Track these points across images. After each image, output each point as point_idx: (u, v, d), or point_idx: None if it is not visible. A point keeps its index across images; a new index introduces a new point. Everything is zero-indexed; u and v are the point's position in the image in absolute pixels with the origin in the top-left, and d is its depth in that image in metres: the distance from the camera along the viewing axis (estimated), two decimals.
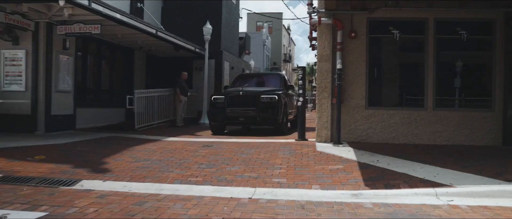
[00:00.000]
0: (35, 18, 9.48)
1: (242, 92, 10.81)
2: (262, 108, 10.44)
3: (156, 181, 5.76)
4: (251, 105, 10.55)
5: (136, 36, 12.49)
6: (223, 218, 4.03)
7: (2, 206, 4.30)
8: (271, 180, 5.83)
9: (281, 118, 10.59)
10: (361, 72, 8.52)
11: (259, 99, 10.51)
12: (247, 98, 10.69)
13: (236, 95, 10.84)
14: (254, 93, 10.74)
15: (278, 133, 10.64)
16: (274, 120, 10.46)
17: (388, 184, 5.53)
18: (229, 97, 10.83)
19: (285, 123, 11.11)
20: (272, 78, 13.11)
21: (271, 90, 11.04)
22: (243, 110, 10.64)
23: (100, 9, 8.92)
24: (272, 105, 10.41)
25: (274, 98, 10.42)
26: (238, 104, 10.70)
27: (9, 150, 7.46)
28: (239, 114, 10.70)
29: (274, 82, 12.36)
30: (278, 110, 10.42)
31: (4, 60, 9.77)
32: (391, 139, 8.42)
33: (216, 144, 8.53)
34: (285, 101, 10.94)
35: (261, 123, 10.71)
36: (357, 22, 8.45)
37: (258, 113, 10.46)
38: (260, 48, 40.50)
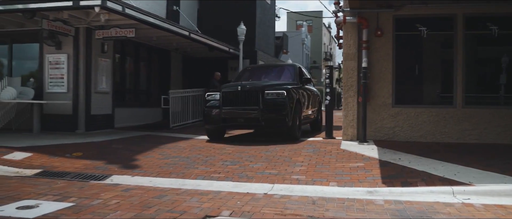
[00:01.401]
0: (75, 24, 10.11)
1: (241, 88, 8.73)
2: (266, 108, 8.44)
3: (180, 177, 6.06)
4: (253, 103, 8.51)
5: (171, 38, 12.94)
6: (233, 211, 4.23)
7: (36, 197, 4.72)
8: (290, 176, 5.99)
9: (292, 119, 8.56)
10: (388, 70, 8.47)
11: (262, 95, 8.47)
12: (248, 95, 8.62)
13: (234, 92, 8.75)
14: (256, 88, 8.65)
15: (288, 138, 8.73)
16: (282, 121, 8.42)
17: (405, 182, 5.55)
18: (225, 94, 8.79)
19: (299, 125, 9.05)
20: (285, 70, 10.67)
21: (278, 85, 8.99)
22: (243, 109, 8.62)
23: (133, 14, 9.39)
24: (279, 104, 8.43)
25: (282, 94, 8.45)
26: (237, 102, 8.68)
27: (51, 147, 8.03)
28: (238, 115, 8.71)
29: (287, 75, 10.16)
30: (288, 109, 8.40)
31: (49, 64, 10.47)
32: (418, 138, 8.33)
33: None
34: (298, 97, 9.00)
35: (265, 126, 8.60)
36: (383, 20, 8.42)
37: (261, 113, 8.43)
38: (299, 47, 40.42)
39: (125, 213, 4.07)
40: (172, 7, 15.61)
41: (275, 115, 8.49)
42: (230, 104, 8.73)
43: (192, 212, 4.17)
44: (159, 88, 14.58)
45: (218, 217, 4.04)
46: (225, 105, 8.74)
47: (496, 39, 8.21)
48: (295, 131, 8.79)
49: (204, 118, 9.24)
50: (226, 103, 8.75)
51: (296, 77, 9.97)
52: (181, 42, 13.82)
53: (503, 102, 8.35)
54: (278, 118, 8.48)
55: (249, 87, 8.80)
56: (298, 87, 9.40)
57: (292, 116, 8.54)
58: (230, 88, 9.02)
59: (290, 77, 10.01)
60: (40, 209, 4.17)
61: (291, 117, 8.50)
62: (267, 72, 10.91)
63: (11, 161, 7.03)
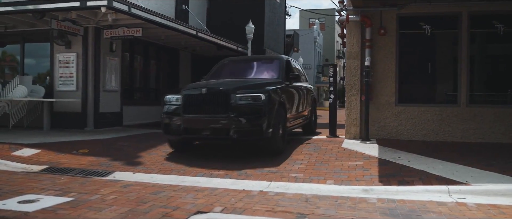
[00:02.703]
0: (84, 24, 10.32)
1: (207, 90, 6.86)
2: (238, 115, 6.56)
3: (181, 174, 6.18)
4: (221, 110, 6.64)
5: (179, 37, 13.08)
6: (225, 207, 4.33)
7: (39, 191, 4.88)
8: (289, 174, 6.06)
9: (273, 128, 6.70)
10: (391, 69, 8.46)
11: (233, 100, 6.60)
12: (215, 99, 6.72)
13: (197, 95, 6.90)
14: (226, 90, 6.75)
15: (268, 151, 7.06)
16: (259, 132, 6.59)
17: (402, 180, 5.57)
18: (187, 98, 6.92)
19: (283, 134, 7.19)
20: (269, 64, 8.72)
21: (256, 85, 7.21)
22: (209, 117, 6.73)
23: (139, 14, 9.54)
24: (255, 110, 6.60)
25: (259, 97, 6.62)
26: (201, 108, 6.78)
27: (58, 144, 8.24)
28: (202, 125, 6.80)
29: (271, 71, 8.33)
30: (266, 116, 6.59)
31: (59, 63, 10.71)
32: (422, 136, 8.30)
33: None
34: (281, 100, 7.24)
35: (238, 139, 6.71)
36: (386, 19, 8.41)
37: (232, 122, 6.55)
38: (311, 45, 40.42)
39: (119, 208, 4.20)
40: (181, 6, 15.77)
41: (249, 124, 6.59)
42: (193, 111, 6.83)
43: (185, 208, 4.28)
44: (168, 87, 14.76)
45: (210, 213, 4.14)
46: (187, 112, 6.83)
47: (502, 37, 8.12)
48: (277, 143, 6.95)
49: (162, 127, 7.26)
50: (187, 109, 6.84)
51: (281, 73, 8.09)
52: (189, 41, 13.95)
53: (509, 101, 8.27)
54: (253, 129, 6.60)
55: (216, 89, 6.88)
56: (283, 87, 7.64)
57: (272, 124, 6.69)
58: (193, 90, 7.09)
59: (274, 73, 8.17)
60: (40, 203, 4.33)
61: (271, 125, 6.66)
62: (248, 67, 8.92)
63: (19, 157, 7.25)
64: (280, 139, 7.09)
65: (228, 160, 6.95)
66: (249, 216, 4.04)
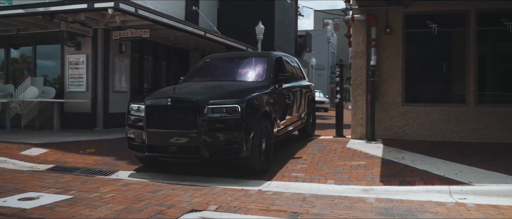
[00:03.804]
0: (93, 25, 10.47)
1: (172, 100, 5.83)
2: (209, 130, 5.54)
3: (182, 172, 6.22)
4: (189, 124, 5.57)
5: (188, 38, 13.17)
6: (220, 206, 4.35)
7: (40, 189, 4.98)
8: (290, 174, 6.04)
9: (252, 145, 5.66)
10: (397, 68, 8.37)
11: (203, 112, 5.55)
12: (182, 111, 5.67)
13: (162, 106, 5.82)
14: (194, 100, 5.71)
15: (247, 172, 5.91)
16: (235, 150, 5.55)
17: (403, 180, 5.51)
18: (150, 109, 5.83)
19: (266, 150, 6.12)
20: (255, 64, 7.48)
21: (231, 93, 6.12)
22: (175, 132, 5.67)
23: (146, 15, 9.65)
24: (230, 124, 5.55)
25: (235, 109, 5.56)
26: (167, 122, 5.71)
27: (66, 144, 8.37)
28: (168, 141, 5.71)
29: (256, 72, 7.19)
30: (244, 131, 5.53)
31: (69, 64, 10.90)
32: (429, 136, 8.19)
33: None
34: (266, 109, 6.20)
35: (209, 157, 5.63)
36: (392, 18, 8.32)
37: (202, 138, 5.51)
38: (324, 45, 40.24)
39: (115, 206, 4.25)
40: (191, 7, 15.88)
41: (223, 142, 5.56)
42: (157, 125, 5.76)
43: (180, 206, 4.31)
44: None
45: (204, 211, 4.16)
46: (151, 125, 5.78)
47: (511, 35, 7.97)
48: (256, 162, 5.83)
49: (128, 140, 6.21)
50: (151, 122, 5.78)
51: (268, 75, 6.95)
52: (199, 42, 14.04)
53: None
54: (228, 147, 5.59)
55: (183, 99, 5.91)
56: (269, 92, 6.60)
57: (252, 141, 5.66)
58: (157, 99, 6.03)
59: (260, 74, 7.07)
60: (39, 201, 4.41)
61: (250, 141, 5.62)
62: (231, 67, 7.78)
63: (27, 156, 7.39)
64: (259, 157, 5.92)
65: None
66: (242, 215, 4.05)
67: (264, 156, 6.12)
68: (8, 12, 9.46)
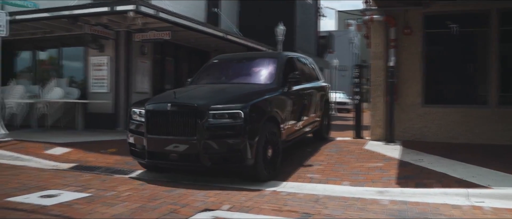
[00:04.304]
0: (115, 28, 10.71)
1: (172, 105, 5.61)
2: (211, 137, 5.33)
3: (199, 173, 6.30)
4: (190, 130, 5.36)
5: (209, 40, 13.31)
6: (234, 206, 4.40)
7: (61, 187, 5.15)
8: (306, 175, 6.06)
9: (256, 151, 5.39)
10: (417, 69, 8.28)
11: (204, 117, 5.33)
12: (182, 116, 5.46)
13: (162, 111, 5.64)
14: (194, 105, 5.49)
15: (251, 179, 5.64)
16: (237, 158, 5.35)
17: (420, 183, 5.45)
18: (150, 115, 5.67)
19: (272, 157, 5.81)
20: (263, 66, 7.24)
21: (234, 97, 5.83)
22: (176, 139, 5.46)
23: (167, 17, 9.82)
24: (232, 130, 5.33)
25: (238, 114, 5.32)
26: (167, 128, 5.52)
27: (89, 144, 8.60)
28: (169, 148, 5.49)
29: (264, 74, 6.96)
30: (247, 138, 5.29)
31: (92, 66, 11.18)
32: (449, 138, 8.06)
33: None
34: (273, 114, 5.99)
35: (211, 165, 5.43)
36: (411, 18, 8.23)
37: (202, 146, 5.29)
38: (347, 46, 39.86)
39: (131, 204, 4.37)
40: (212, 9, 16.03)
41: (225, 149, 5.35)
42: (158, 131, 5.58)
43: (194, 205, 4.39)
44: None
45: (217, 210, 4.23)
46: (151, 131, 5.60)
47: None
48: (261, 170, 5.55)
49: (129, 146, 6.05)
50: (151, 128, 5.60)
51: (278, 77, 6.69)
52: (219, 44, 14.16)
53: None
54: (230, 154, 5.36)
55: (184, 104, 5.64)
56: (277, 95, 6.36)
57: (257, 147, 5.40)
58: (158, 104, 5.85)
59: (269, 76, 6.82)
60: (59, 198, 4.57)
61: (254, 148, 5.35)
62: (239, 68, 7.58)
63: (51, 155, 7.63)
64: (265, 165, 5.63)
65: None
66: (254, 215, 4.10)
67: (271, 163, 5.80)
68: (34, 15, 9.78)
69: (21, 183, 5.36)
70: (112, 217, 3.91)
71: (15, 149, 7.94)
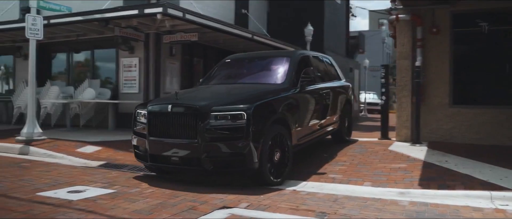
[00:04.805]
0: (145, 30, 11.01)
1: (173, 106, 5.44)
2: (212, 139, 5.12)
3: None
4: (191, 132, 5.19)
5: (237, 41, 13.44)
6: (251, 203, 4.48)
7: (88, 184, 5.37)
8: (328, 175, 6.06)
9: (262, 156, 5.18)
10: (444, 69, 8.11)
11: (205, 119, 5.14)
12: (183, 118, 5.33)
13: (163, 113, 5.50)
14: (195, 106, 5.32)
15: (256, 184, 5.43)
16: (240, 162, 5.13)
17: (443, 184, 5.36)
18: (152, 116, 5.55)
19: (281, 161, 5.59)
20: (276, 65, 6.99)
21: (240, 98, 5.58)
22: (177, 142, 5.32)
23: (194, 19, 10.00)
24: (234, 132, 5.09)
25: (240, 116, 5.09)
26: (168, 130, 5.40)
27: (118, 143, 8.88)
28: (170, 150, 5.38)
29: (276, 73, 6.71)
30: (249, 140, 5.04)
31: (123, 67, 11.53)
32: (478, 140, 7.84)
33: None
34: (280, 115, 5.73)
35: (213, 169, 5.22)
36: (439, 17, 8.07)
37: (203, 149, 5.11)
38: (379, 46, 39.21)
39: (152, 200, 4.51)
40: (241, 10, 16.17)
41: (228, 152, 5.13)
42: (159, 133, 5.46)
43: (213, 202, 4.49)
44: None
45: (235, 208, 4.31)
46: (153, 133, 5.49)
47: None
48: (266, 174, 5.31)
49: (134, 149, 6.02)
50: (153, 130, 5.50)
51: (290, 76, 6.44)
52: (247, 45, 14.25)
53: None
54: (233, 158, 5.15)
55: (185, 105, 5.47)
56: (288, 95, 6.11)
57: (262, 151, 5.17)
58: (159, 105, 5.70)
59: (280, 76, 6.56)
60: (85, 194, 4.78)
61: (259, 152, 5.13)
62: (251, 68, 7.37)
63: (82, 153, 7.94)
64: (272, 169, 5.41)
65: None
66: (270, 213, 4.15)
67: (279, 168, 5.56)
68: (68, 19, 10.20)
69: (52, 179, 5.63)
70: (132, 212, 4.07)
71: (49, 147, 8.31)
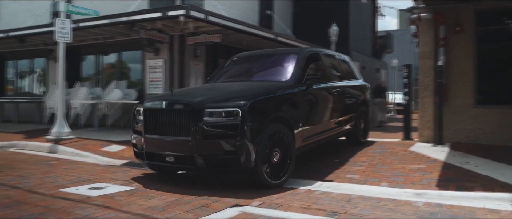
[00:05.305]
0: (169, 32, 11.24)
1: (167, 103, 5.40)
2: (205, 137, 4.97)
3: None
4: (184, 130, 5.06)
5: (261, 42, 13.49)
6: (264, 202, 4.54)
7: (109, 181, 5.56)
8: (345, 175, 6.06)
9: (258, 156, 4.97)
10: (468, 68, 7.92)
11: (198, 116, 4.99)
12: (177, 115, 5.20)
13: (158, 109, 5.42)
14: (188, 103, 5.23)
15: (252, 183, 5.21)
16: (234, 161, 4.92)
17: (461, 186, 5.27)
18: (148, 113, 5.48)
19: (278, 162, 5.34)
20: (282, 62, 6.73)
21: (235, 95, 5.40)
22: (171, 139, 5.20)
23: (216, 21, 10.16)
24: (228, 130, 4.92)
25: (235, 113, 4.91)
26: (163, 128, 5.28)
27: None
28: (164, 149, 5.28)
29: (282, 71, 6.47)
30: (244, 139, 4.86)
31: (148, 68, 11.81)
32: (503, 141, 7.61)
33: None
34: (281, 113, 5.58)
35: (206, 168, 5.08)
36: (462, 15, 7.89)
37: (196, 147, 4.96)
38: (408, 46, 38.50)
39: (168, 198, 4.65)
40: (265, 11, 16.25)
41: (221, 151, 4.94)
42: (154, 131, 5.36)
43: (226, 200, 4.58)
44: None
45: (247, 206, 4.39)
46: (148, 131, 5.40)
47: None
48: (261, 175, 5.09)
49: (133, 147, 5.95)
50: (149, 127, 5.41)
51: (294, 74, 6.19)
52: (271, 46, 14.21)
53: None
54: (227, 157, 4.95)
55: (178, 102, 5.38)
56: (290, 93, 5.91)
57: (255, 150, 4.93)
58: (155, 102, 5.59)
59: (285, 73, 6.33)
60: (105, 190, 4.97)
61: (253, 151, 4.91)
62: (257, 66, 7.17)
63: (107, 152, 8.21)
64: (269, 170, 5.20)
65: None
66: (281, 212, 4.20)
67: (278, 169, 5.34)
68: (96, 22, 10.55)
69: (76, 176, 5.86)
70: (147, 208, 4.21)
71: (76, 146, 8.63)
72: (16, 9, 15.68)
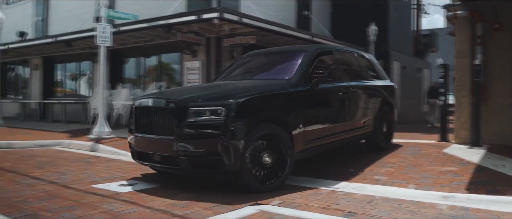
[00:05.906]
0: (206, 35, 11.53)
1: (153, 101, 5.31)
2: (189, 137, 4.77)
3: None
4: (169, 129, 4.92)
5: (297, 43, 13.49)
6: (284, 201, 4.59)
7: (139, 178, 5.82)
8: (372, 176, 5.99)
9: (242, 157, 4.72)
10: (508, 67, 7.60)
11: (182, 115, 4.82)
12: (162, 114, 5.08)
13: (146, 108, 5.33)
14: (173, 101, 5.06)
15: (240, 186, 4.96)
16: (217, 162, 4.70)
17: (492, 189, 5.09)
18: (137, 110, 5.43)
19: (271, 166, 5.06)
20: (288, 60, 6.34)
21: (223, 93, 5.30)
22: (157, 138, 5.07)
23: (250, 22, 10.33)
24: (211, 129, 4.70)
25: (219, 111, 4.70)
26: (150, 126, 5.17)
27: None
28: (151, 148, 5.21)
29: (287, 69, 6.01)
30: (228, 139, 4.64)
31: (186, 70, 12.16)
32: None
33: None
34: (275, 113, 5.30)
35: (191, 169, 4.85)
36: (501, 12, 7.57)
37: (180, 146, 4.76)
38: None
39: (190, 194, 4.79)
40: (302, 12, 16.22)
41: (204, 151, 4.75)
42: (142, 129, 5.28)
43: (247, 198, 4.67)
44: None
45: (266, 205, 4.46)
46: (138, 129, 5.33)
47: None
48: (249, 178, 4.87)
49: (129, 146, 5.82)
50: (138, 126, 5.35)
51: (298, 72, 5.81)
52: None
53: None
54: (210, 158, 4.74)
55: (163, 100, 5.20)
56: (289, 92, 5.57)
57: (242, 151, 4.71)
58: (142, 101, 5.49)
59: (287, 71, 5.94)
60: (133, 187, 5.21)
61: (239, 152, 4.69)
62: (264, 63, 6.87)
63: None
64: (258, 173, 4.94)
65: (319, 158, 7.03)
66: (299, 211, 4.23)
67: (269, 173, 5.06)
68: (135, 26, 11.00)
69: (109, 173, 6.18)
70: (169, 204, 4.38)
71: (115, 145, 9.03)
72: (65, 15, 16.54)
